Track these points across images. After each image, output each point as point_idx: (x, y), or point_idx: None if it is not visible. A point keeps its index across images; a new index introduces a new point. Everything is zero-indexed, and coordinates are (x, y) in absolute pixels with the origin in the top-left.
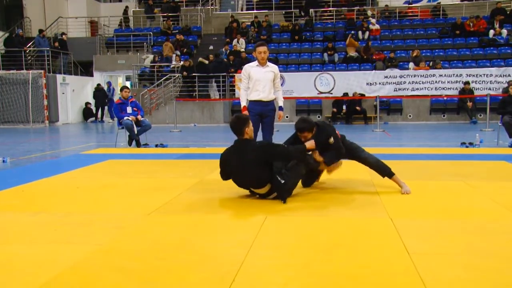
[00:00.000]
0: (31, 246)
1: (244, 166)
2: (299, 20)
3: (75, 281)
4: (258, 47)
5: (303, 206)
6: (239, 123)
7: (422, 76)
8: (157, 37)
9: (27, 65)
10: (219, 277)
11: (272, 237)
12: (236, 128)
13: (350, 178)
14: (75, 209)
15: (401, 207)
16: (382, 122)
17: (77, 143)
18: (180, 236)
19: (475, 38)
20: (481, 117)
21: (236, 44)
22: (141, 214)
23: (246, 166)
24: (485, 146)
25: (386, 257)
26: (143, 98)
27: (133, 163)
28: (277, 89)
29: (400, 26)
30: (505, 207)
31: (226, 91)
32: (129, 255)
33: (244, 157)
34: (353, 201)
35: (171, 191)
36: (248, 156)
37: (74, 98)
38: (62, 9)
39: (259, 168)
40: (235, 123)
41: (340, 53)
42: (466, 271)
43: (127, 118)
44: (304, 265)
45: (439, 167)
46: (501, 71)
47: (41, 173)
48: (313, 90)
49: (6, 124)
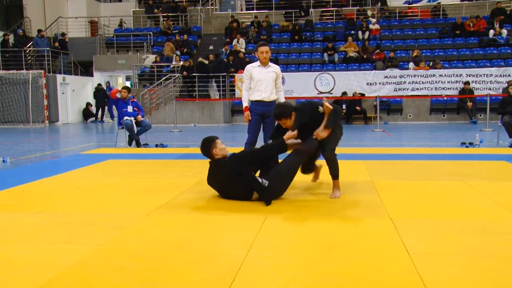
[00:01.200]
0: (31, 246)
1: (224, 185)
2: (299, 20)
3: (75, 281)
4: (260, 47)
5: (303, 206)
6: (205, 147)
7: (422, 76)
8: (157, 37)
9: (27, 65)
10: (219, 277)
11: (272, 237)
12: (205, 152)
13: (350, 178)
14: (75, 209)
15: (401, 207)
16: (382, 122)
17: (77, 143)
18: (180, 236)
19: (475, 38)
20: (481, 117)
21: (236, 44)
22: (141, 214)
23: (226, 184)
24: (485, 146)
25: (386, 257)
26: (143, 98)
27: (133, 163)
28: (278, 90)
29: (400, 26)
30: (505, 207)
31: (226, 91)
32: (129, 255)
33: (220, 176)
34: (353, 201)
35: (171, 191)
36: (223, 174)
37: (74, 98)
38: (62, 9)
39: (237, 180)
40: (202, 149)
41: (340, 53)
42: (465, 271)
43: (127, 118)
44: (304, 265)
45: (439, 167)
46: (501, 71)
47: (41, 173)
48: (313, 90)
49: (6, 124)
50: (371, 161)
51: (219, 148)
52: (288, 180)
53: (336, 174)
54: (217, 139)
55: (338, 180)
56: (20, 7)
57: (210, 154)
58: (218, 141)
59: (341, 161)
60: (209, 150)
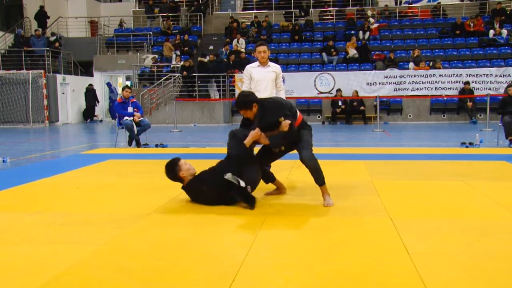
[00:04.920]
0: (31, 246)
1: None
2: (299, 20)
3: (75, 281)
4: (258, 47)
5: (303, 206)
6: (170, 173)
7: (422, 76)
8: (157, 37)
9: (27, 65)
10: (219, 277)
11: (272, 237)
12: (172, 178)
13: (350, 178)
14: (75, 209)
15: (401, 207)
16: (382, 122)
17: (77, 143)
18: (180, 236)
19: (475, 38)
20: (481, 117)
21: (236, 44)
22: (141, 214)
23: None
24: (485, 146)
25: (386, 257)
26: (143, 98)
27: (133, 163)
28: (279, 89)
29: (400, 26)
30: (505, 207)
31: (226, 91)
32: (129, 255)
33: (200, 194)
34: (353, 201)
35: (171, 191)
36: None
37: (74, 98)
38: (62, 9)
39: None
40: (168, 175)
41: (340, 53)
42: (465, 271)
43: (127, 119)
44: (304, 265)
45: (439, 167)
46: (501, 71)
47: (41, 173)
48: (313, 90)
49: (6, 124)
50: (371, 161)
51: (184, 169)
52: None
53: (322, 181)
54: (179, 160)
55: (325, 185)
56: (20, 7)
57: (178, 178)
58: (181, 161)
59: (341, 161)
60: (175, 174)
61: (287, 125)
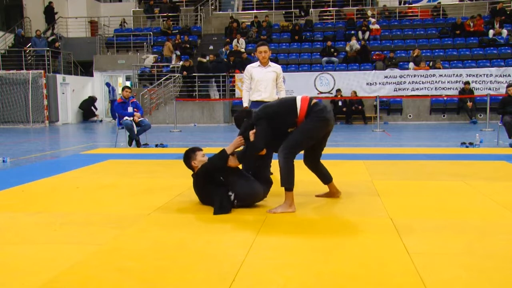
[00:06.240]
0: (31, 246)
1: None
2: (299, 20)
3: (75, 281)
4: (259, 47)
5: (303, 206)
6: (185, 159)
7: (422, 76)
8: (157, 37)
9: (27, 65)
10: (219, 277)
11: (272, 237)
12: (186, 165)
13: (350, 178)
14: (75, 209)
15: (401, 207)
16: (382, 122)
17: (77, 143)
18: (180, 236)
19: (475, 38)
20: (481, 117)
21: (236, 44)
22: (141, 214)
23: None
24: (485, 146)
25: (386, 257)
26: (143, 98)
27: (133, 163)
28: (279, 90)
29: (400, 26)
30: (505, 207)
31: (226, 91)
32: (129, 255)
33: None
34: (353, 201)
35: (171, 191)
36: (196, 188)
37: (74, 98)
38: (62, 9)
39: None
40: (184, 160)
41: (340, 53)
42: (466, 271)
43: (127, 119)
44: (304, 265)
45: (439, 167)
46: (501, 71)
47: (41, 173)
48: (313, 90)
49: (6, 124)
50: (371, 161)
51: (198, 160)
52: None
53: (285, 185)
54: (199, 150)
55: (290, 192)
56: (20, 7)
57: (190, 166)
58: (199, 152)
59: (341, 161)
60: (189, 162)
61: (252, 134)
